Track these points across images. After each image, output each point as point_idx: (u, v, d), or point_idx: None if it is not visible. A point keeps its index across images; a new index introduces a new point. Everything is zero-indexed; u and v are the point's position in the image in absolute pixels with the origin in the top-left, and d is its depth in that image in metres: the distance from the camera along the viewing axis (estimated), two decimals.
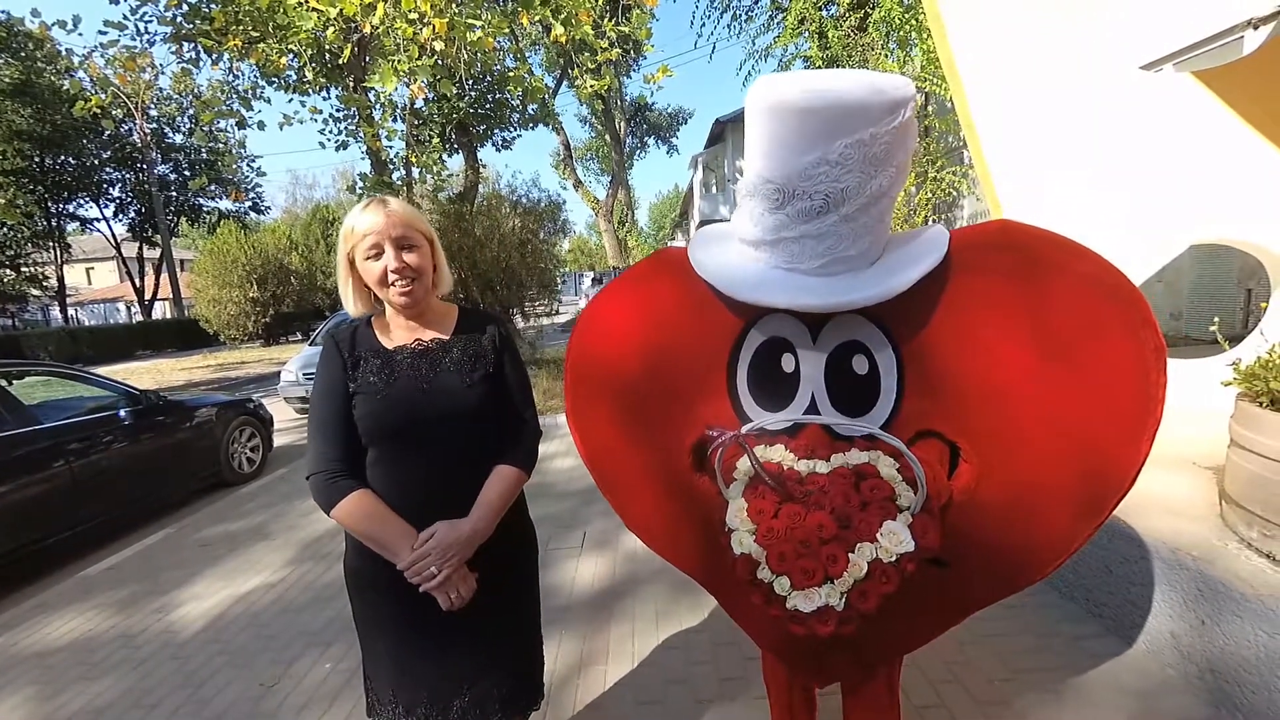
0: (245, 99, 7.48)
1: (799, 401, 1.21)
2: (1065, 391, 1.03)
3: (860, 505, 1.04)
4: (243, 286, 19.69)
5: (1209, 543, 1.99)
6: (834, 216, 1.05)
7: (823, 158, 1.00)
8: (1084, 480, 1.04)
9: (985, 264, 1.09)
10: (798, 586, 1.00)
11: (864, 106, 0.96)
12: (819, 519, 1.03)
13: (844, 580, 0.99)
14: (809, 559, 1.01)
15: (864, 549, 1.00)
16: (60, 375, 4.45)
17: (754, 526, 1.07)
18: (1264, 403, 1.90)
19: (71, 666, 2.52)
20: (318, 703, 2.15)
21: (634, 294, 1.38)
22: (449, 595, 1.19)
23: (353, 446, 1.23)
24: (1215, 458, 2.49)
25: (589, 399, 1.36)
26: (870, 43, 8.99)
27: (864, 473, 1.08)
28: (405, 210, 1.23)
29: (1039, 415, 1.05)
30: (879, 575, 0.98)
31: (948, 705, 1.90)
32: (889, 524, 1.01)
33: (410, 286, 1.22)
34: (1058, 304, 1.02)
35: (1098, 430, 1.01)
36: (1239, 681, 1.73)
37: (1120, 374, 0.98)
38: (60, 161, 23.18)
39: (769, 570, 1.03)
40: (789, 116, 1.00)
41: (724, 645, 2.29)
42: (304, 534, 3.80)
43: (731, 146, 20.36)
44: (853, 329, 1.17)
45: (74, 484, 3.71)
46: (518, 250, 9.18)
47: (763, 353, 1.25)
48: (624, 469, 1.38)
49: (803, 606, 0.99)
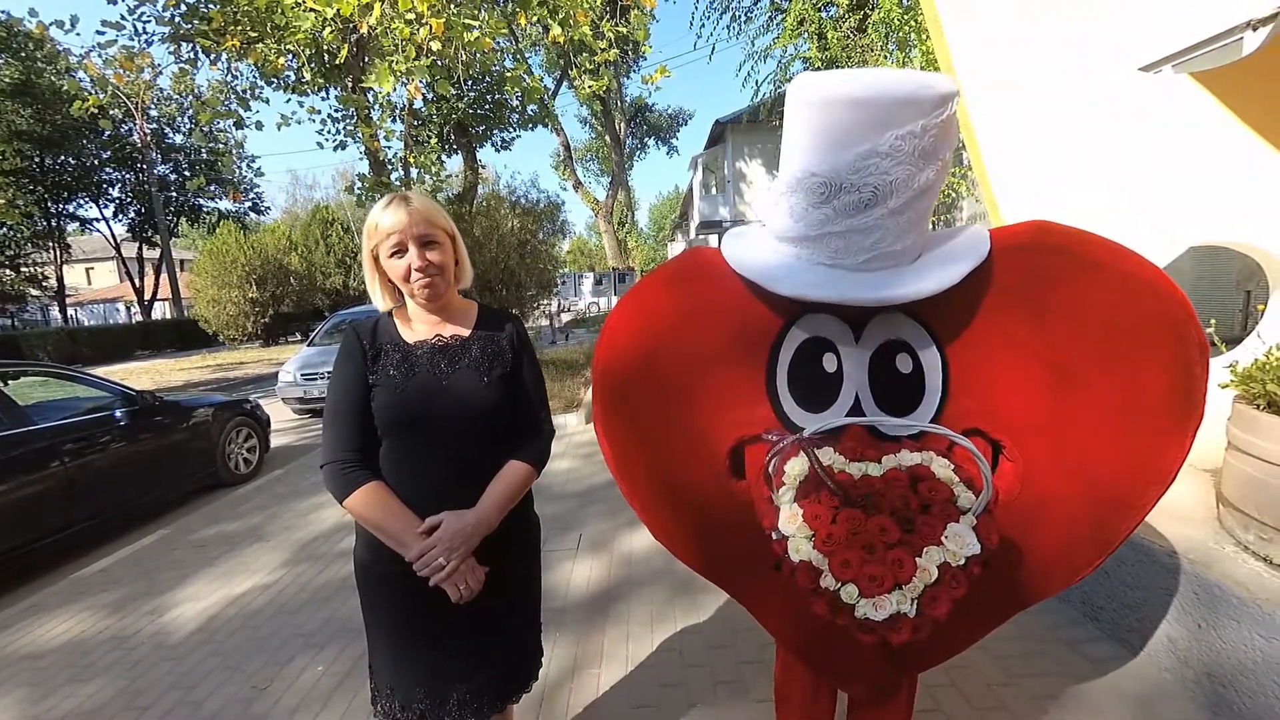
0: (243, 99, 7.46)
1: (842, 402, 1.19)
2: (1107, 390, 1.03)
3: (920, 507, 1.01)
4: (242, 287, 19.70)
5: (1206, 546, 1.98)
6: (881, 210, 1.03)
7: (873, 149, 0.99)
8: (1122, 478, 1.04)
9: (1027, 265, 1.10)
10: (866, 594, 0.97)
11: (914, 99, 0.96)
12: (880, 522, 1.00)
13: (914, 586, 0.96)
14: (875, 564, 0.97)
15: (932, 553, 0.97)
16: (56, 376, 4.44)
17: (812, 532, 1.03)
18: (1261, 405, 1.89)
19: (63, 668, 2.51)
20: (310, 705, 2.14)
21: (665, 295, 1.32)
22: (458, 587, 1.20)
23: (368, 438, 1.25)
24: (1213, 460, 2.48)
25: (614, 408, 1.31)
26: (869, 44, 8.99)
27: (919, 474, 1.05)
28: (427, 207, 1.24)
29: (1078, 413, 1.05)
30: (949, 580, 0.96)
31: (945, 711, 1.89)
32: (953, 526, 0.98)
33: (432, 282, 1.23)
34: (1099, 302, 1.04)
35: (1139, 426, 1.01)
36: (1236, 686, 1.72)
37: (1163, 370, 0.99)
38: (60, 161, 23.22)
39: (833, 578, 1.00)
40: (839, 108, 0.99)
41: (719, 649, 2.28)
42: (300, 535, 3.78)
43: (731, 148, 20.35)
44: (896, 327, 1.16)
45: (69, 485, 3.70)
46: (517, 251, 9.18)
47: (803, 352, 1.22)
48: (655, 476, 1.32)
49: (873, 615, 0.96)
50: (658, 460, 1.29)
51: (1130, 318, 1.01)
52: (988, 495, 1.00)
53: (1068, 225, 1.09)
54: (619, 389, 1.28)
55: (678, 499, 1.29)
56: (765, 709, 1.94)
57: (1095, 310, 1.04)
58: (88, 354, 19.49)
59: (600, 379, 1.29)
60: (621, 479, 1.30)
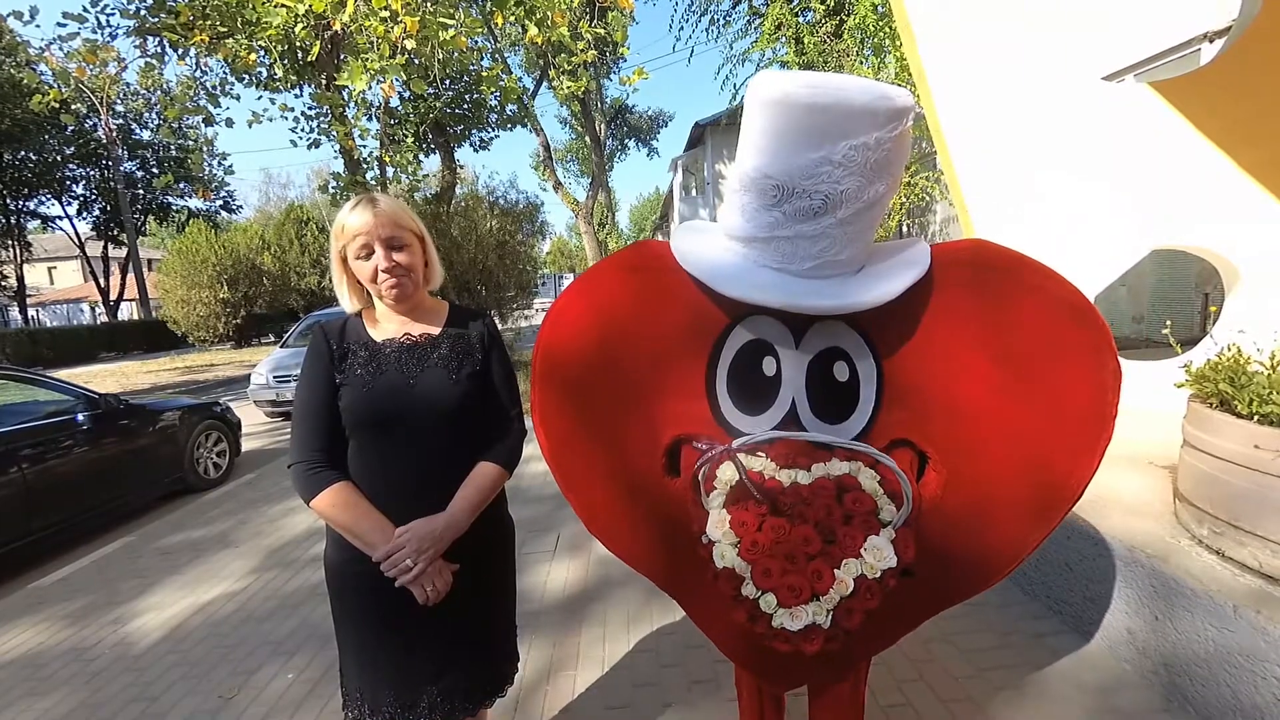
0: (213, 95, 7.31)
1: (779, 405, 1.20)
2: (1028, 406, 1.08)
3: (843, 519, 1.02)
4: (213, 287, 19.24)
5: (1163, 540, 2.04)
6: (831, 219, 1.04)
7: (826, 157, 0.99)
8: (1038, 490, 1.09)
9: (962, 281, 1.13)
10: (784, 604, 0.98)
11: (870, 110, 0.97)
12: (804, 533, 1.01)
13: (830, 598, 0.97)
14: (795, 575, 0.98)
15: (850, 565, 0.98)
16: (13, 379, 4.28)
17: (737, 539, 1.04)
18: (1214, 404, 1.96)
19: (19, 681, 2.42)
20: (278, 713, 2.09)
21: (617, 283, 1.30)
22: (424, 589, 1.19)
23: (336, 438, 1.24)
24: (1171, 457, 2.56)
25: (556, 394, 1.30)
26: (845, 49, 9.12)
27: (846, 485, 1.07)
28: (394, 209, 1.23)
29: (1002, 428, 1.09)
30: (864, 592, 0.97)
31: (913, 704, 1.92)
32: (873, 539, 1.00)
33: (400, 283, 1.23)
34: (1028, 324, 1.08)
35: (1054, 444, 1.06)
36: (1190, 675, 1.78)
37: (1079, 393, 1.05)
38: (20, 157, 22.41)
39: (754, 586, 1.00)
40: (796, 111, 0.98)
41: (694, 648, 2.29)
42: (270, 541, 3.71)
43: (711, 150, 20.45)
44: (836, 335, 1.17)
45: (27, 492, 3.57)
46: (495, 252, 9.12)
47: (744, 353, 1.22)
48: (589, 467, 1.32)
49: (789, 625, 0.97)
50: (594, 452, 1.28)
51: (1059, 339, 1.07)
52: (908, 510, 1.03)
53: (1004, 246, 1.14)
54: (562, 374, 1.26)
55: (617, 492, 1.28)
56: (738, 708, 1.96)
57: (1028, 330, 1.08)
58: (49, 356, 18.85)
59: (542, 363, 1.25)
60: (557, 468, 1.27)
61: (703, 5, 11.34)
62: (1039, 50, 3.69)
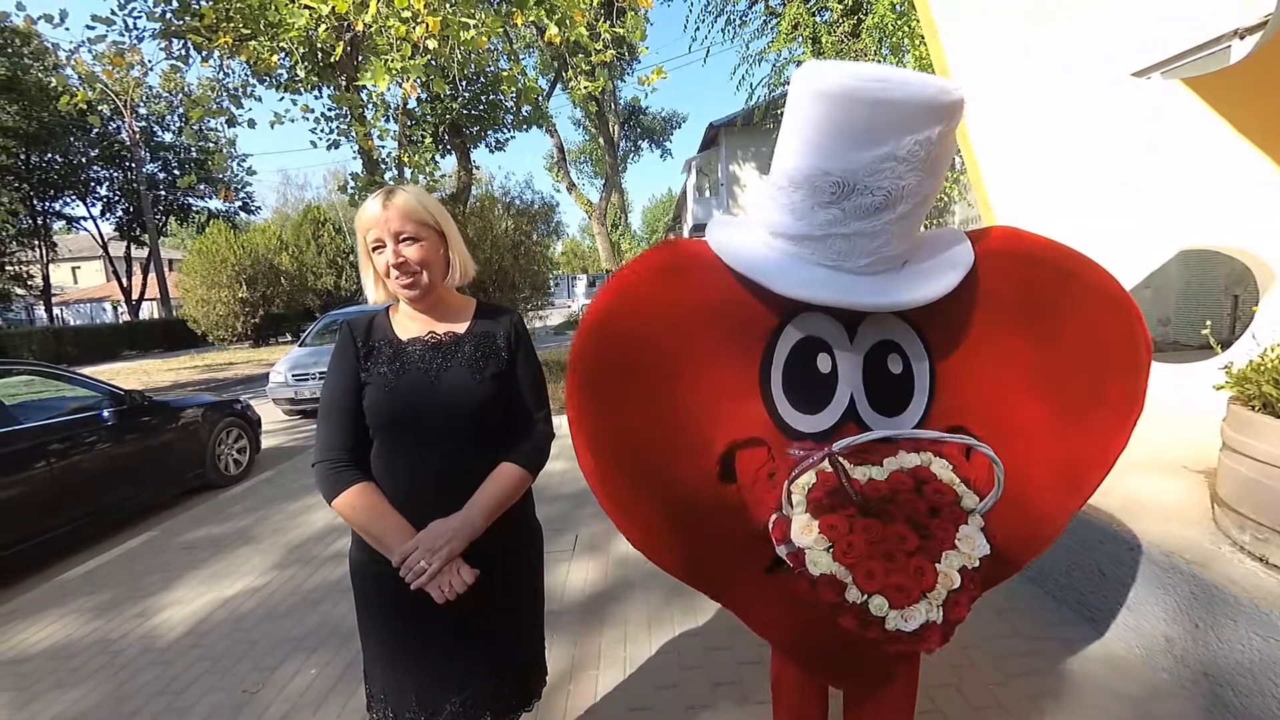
0: (235, 97, 7.39)
1: (837, 403, 1.17)
2: (1066, 388, 1.13)
3: (929, 511, 0.99)
4: (232, 287, 19.51)
5: (1202, 547, 1.99)
6: (890, 215, 1.02)
7: (892, 153, 0.96)
8: (1074, 466, 1.15)
9: (1007, 271, 1.15)
10: (895, 605, 0.94)
11: (934, 104, 0.94)
12: (898, 530, 0.97)
13: (937, 593, 0.94)
14: (899, 574, 0.95)
15: (951, 558, 0.95)
16: (43, 374, 4.36)
17: (830, 544, 0.99)
18: (1256, 406, 1.90)
19: (47, 673, 2.45)
20: (301, 710, 2.10)
21: (657, 284, 1.22)
22: (441, 589, 1.14)
23: (360, 437, 1.22)
24: (1207, 461, 2.50)
25: (600, 405, 1.20)
26: (863, 49, 9.05)
27: (922, 477, 1.03)
28: (409, 202, 1.19)
29: (1042, 410, 1.14)
30: (969, 583, 0.95)
31: (943, 710, 1.88)
32: (964, 528, 0.97)
33: (410, 280, 1.20)
34: (1074, 310, 1.12)
35: (1100, 422, 1.12)
36: (1233, 686, 1.73)
37: (1121, 371, 1.11)
38: (46, 159, 22.92)
39: (858, 590, 0.96)
40: (860, 106, 0.95)
41: (717, 650, 2.27)
42: (290, 537, 3.74)
43: (725, 151, 20.40)
44: (888, 328, 1.16)
45: (55, 485, 3.63)
46: (510, 252, 9.16)
47: (798, 352, 1.18)
48: (638, 483, 1.24)
49: (904, 627, 0.94)
50: (646, 464, 1.21)
51: (1098, 324, 1.11)
52: (997, 494, 0.99)
53: (1034, 233, 1.16)
54: (603, 382, 1.18)
55: (661, 500, 1.22)
56: (763, 711, 1.93)
57: (1071, 316, 1.12)
58: (73, 353, 19.23)
59: (582, 373, 1.16)
60: (600, 484, 1.19)
61: (718, 5, 11.30)
62: (1064, 47, 3.63)
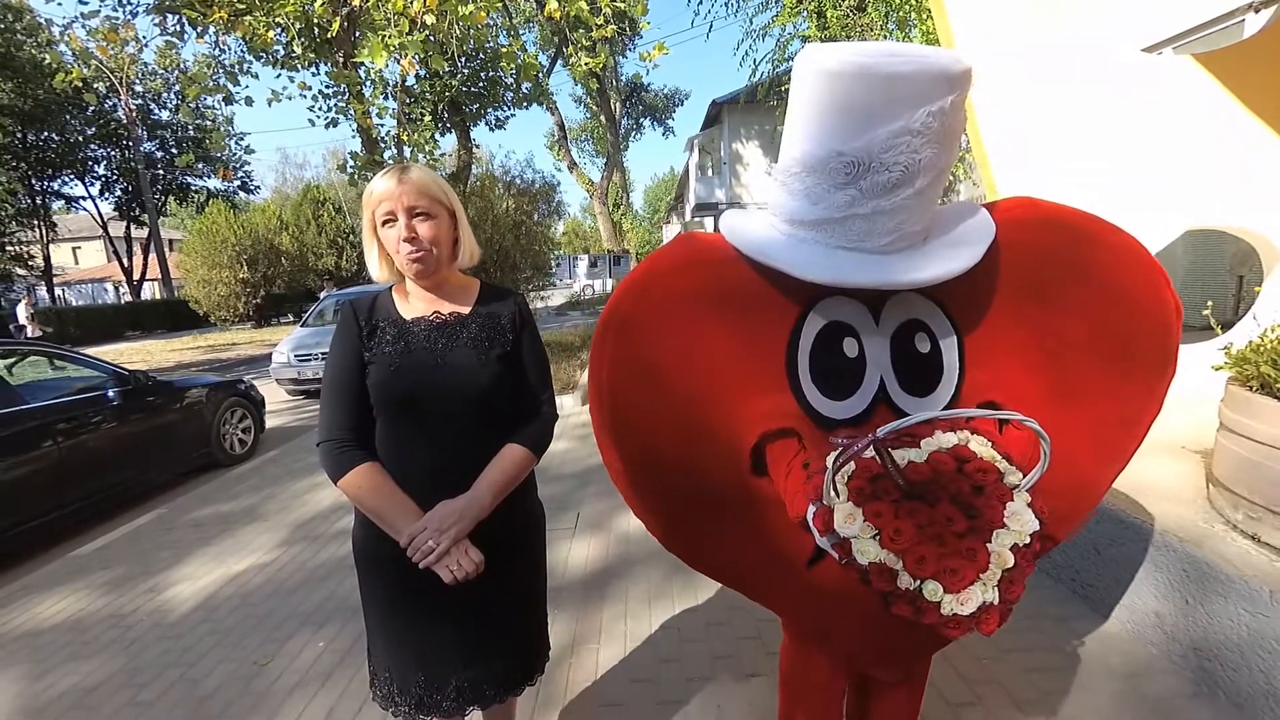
0: (232, 74, 7.30)
1: (867, 387, 1.15)
2: (1099, 354, 1.12)
3: (973, 490, 0.97)
4: (232, 267, 19.48)
5: (1196, 525, 2.01)
6: (909, 190, 1.00)
7: (905, 127, 0.95)
8: (1111, 431, 1.15)
9: (1027, 240, 1.14)
10: (950, 590, 0.92)
11: (946, 73, 0.93)
12: (946, 512, 0.95)
13: (992, 574, 0.92)
14: (951, 557, 0.93)
15: (1002, 536, 0.93)
16: (48, 355, 4.39)
17: (877, 531, 0.97)
18: (1254, 387, 1.91)
19: (61, 646, 2.52)
20: (310, 683, 2.16)
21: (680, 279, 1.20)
22: (450, 570, 1.16)
23: (364, 417, 1.22)
24: (1204, 442, 2.51)
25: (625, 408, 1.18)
26: (869, 23, 8.87)
27: (962, 455, 1.00)
28: (423, 179, 1.20)
29: (1083, 380, 1.13)
30: (1022, 561, 0.93)
31: (935, 683, 1.92)
32: (1011, 505, 0.95)
33: (420, 255, 1.20)
34: (1099, 275, 1.11)
35: (1131, 387, 1.12)
36: (1221, 660, 1.76)
37: (1150, 333, 1.10)
38: (43, 137, 22.72)
39: (910, 577, 0.94)
40: (874, 82, 0.94)
41: (716, 625, 2.31)
42: (296, 515, 3.79)
43: (728, 129, 20.15)
44: (913, 307, 1.14)
45: (62, 465, 3.68)
46: (511, 232, 9.10)
47: (823, 338, 1.16)
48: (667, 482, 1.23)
49: (961, 610, 0.92)
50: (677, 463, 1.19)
51: (1124, 286, 1.10)
52: (1043, 468, 0.95)
53: (1052, 201, 1.15)
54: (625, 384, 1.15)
55: (692, 500, 1.21)
56: (761, 684, 1.98)
57: (1095, 282, 1.11)
58: (76, 334, 19.27)
59: (604, 376, 1.14)
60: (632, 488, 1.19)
61: None
62: (1073, 21, 3.56)
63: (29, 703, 2.17)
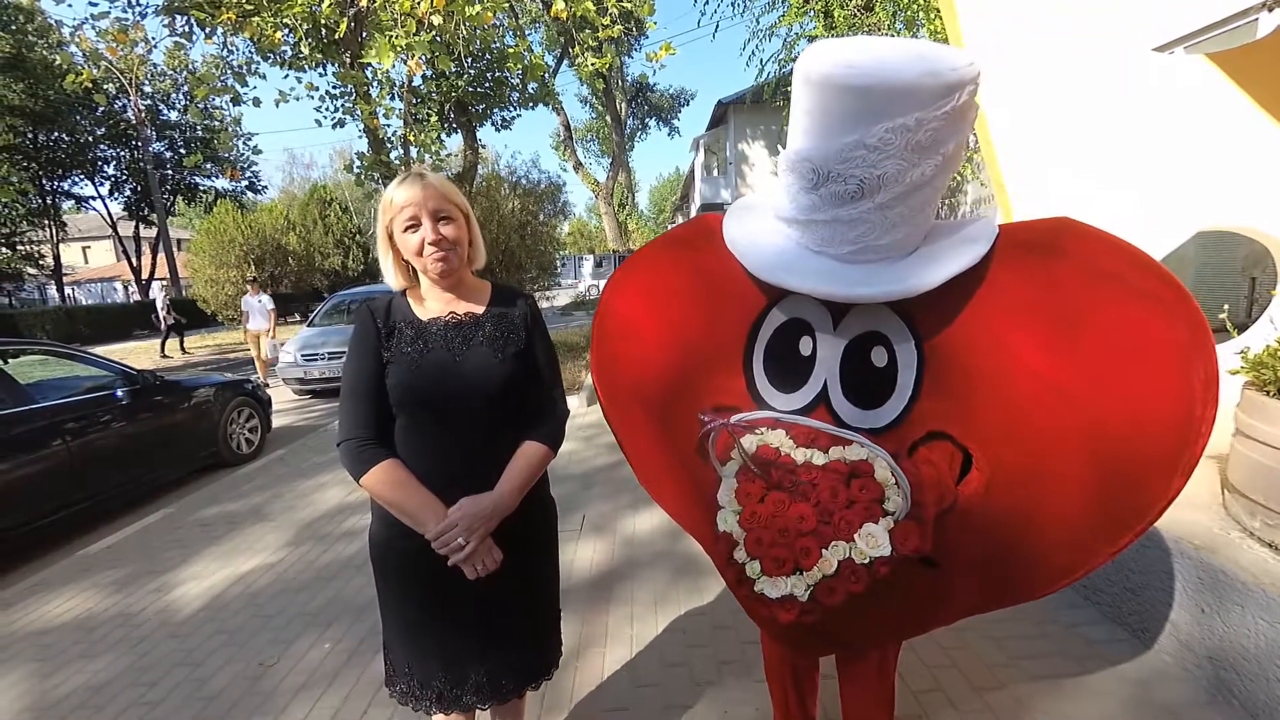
0: (240, 75, 7.33)
1: (811, 386, 1.19)
2: (1099, 414, 0.95)
3: (846, 503, 1.04)
4: (240, 267, 19.52)
5: (1211, 532, 1.98)
6: (868, 204, 0.99)
7: (860, 141, 0.93)
8: (1107, 504, 0.98)
9: (1032, 268, 1.01)
10: (767, 573, 1.03)
11: (913, 89, 0.89)
12: (801, 510, 1.04)
13: (812, 574, 1.01)
14: (783, 548, 1.03)
15: (838, 547, 1.01)
16: (57, 354, 4.42)
17: (740, 508, 1.10)
18: (1271, 391, 1.88)
19: (70, 645, 2.52)
20: (317, 682, 2.15)
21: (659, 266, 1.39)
22: (475, 567, 1.21)
23: (384, 416, 1.25)
24: (1218, 447, 2.47)
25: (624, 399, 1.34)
26: (877, 23, 8.83)
27: (858, 470, 1.07)
28: (442, 184, 1.24)
29: (1065, 434, 0.98)
30: (848, 574, 0.99)
31: (945, 691, 1.91)
32: (869, 526, 1.01)
33: (445, 256, 1.23)
34: (1105, 319, 0.94)
35: (1128, 456, 0.94)
36: (1238, 670, 1.74)
37: (1162, 403, 0.89)
38: (54, 138, 22.86)
39: (744, 552, 1.06)
40: (830, 92, 0.93)
41: (722, 629, 2.30)
42: (303, 515, 3.80)
43: (734, 129, 20.10)
44: (876, 319, 1.14)
45: (71, 464, 3.70)
46: (517, 232, 9.10)
47: (781, 333, 1.22)
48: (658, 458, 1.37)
49: (769, 592, 1.03)
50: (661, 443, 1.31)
51: (1140, 338, 0.91)
52: (906, 506, 1.02)
53: (1091, 226, 0.99)
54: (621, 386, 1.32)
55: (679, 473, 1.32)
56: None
57: (1100, 328, 0.94)
58: (86, 333, 19.41)
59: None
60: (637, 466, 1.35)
61: None
62: (1083, 20, 3.52)
63: (38, 700, 2.18)
